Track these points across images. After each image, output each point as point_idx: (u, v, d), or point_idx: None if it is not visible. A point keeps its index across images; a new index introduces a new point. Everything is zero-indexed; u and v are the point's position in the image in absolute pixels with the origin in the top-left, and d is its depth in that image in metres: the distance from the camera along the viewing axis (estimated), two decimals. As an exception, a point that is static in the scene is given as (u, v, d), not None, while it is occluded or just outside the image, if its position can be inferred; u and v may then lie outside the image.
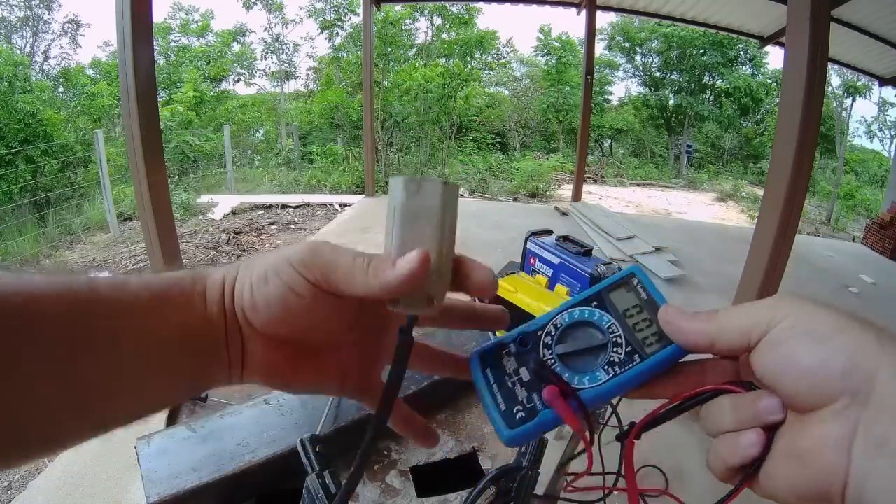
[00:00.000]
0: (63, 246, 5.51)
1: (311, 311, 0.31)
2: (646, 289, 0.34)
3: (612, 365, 0.33)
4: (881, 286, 4.87)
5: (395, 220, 0.31)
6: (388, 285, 0.29)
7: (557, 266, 1.55)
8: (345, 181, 9.33)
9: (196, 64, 12.69)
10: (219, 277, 0.32)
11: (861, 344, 0.24)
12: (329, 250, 0.31)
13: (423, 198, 0.31)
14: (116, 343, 0.27)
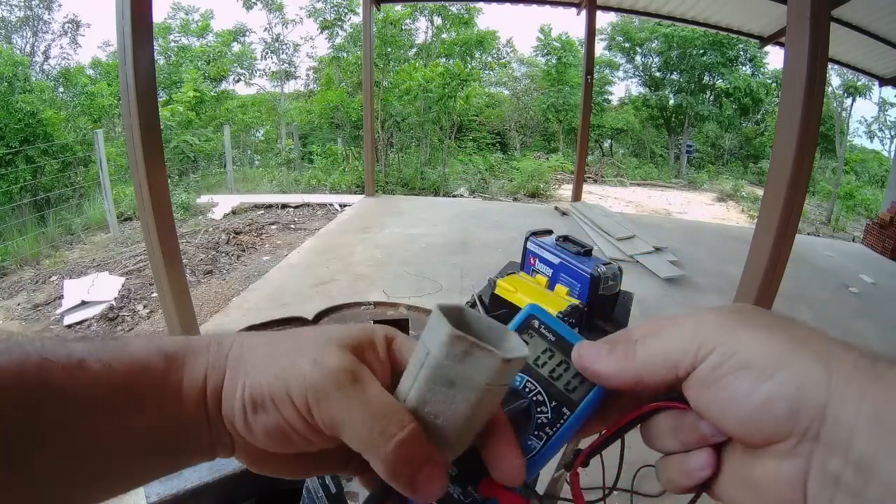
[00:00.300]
0: (63, 246, 5.51)
1: (316, 444, 0.27)
2: (550, 328, 0.30)
3: (541, 428, 0.29)
4: (881, 286, 4.87)
5: (422, 372, 0.25)
6: (400, 488, 0.25)
7: (557, 266, 1.55)
8: (345, 181, 9.33)
9: (196, 64, 12.69)
10: (198, 375, 0.28)
11: (807, 375, 0.22)
12: (340, 397, 0.25)
13: (469, 367, 0.23)
14: (71, 441, 0.24)
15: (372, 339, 0.29)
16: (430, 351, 0.24)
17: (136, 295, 3.88)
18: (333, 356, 0.26)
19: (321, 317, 1.41)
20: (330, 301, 1.51)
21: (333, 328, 0.29)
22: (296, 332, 0.29)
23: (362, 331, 0.29)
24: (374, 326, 0.30)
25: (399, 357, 0.29)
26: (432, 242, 5.12)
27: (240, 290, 3.93)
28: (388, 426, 0.24)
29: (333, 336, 0.28)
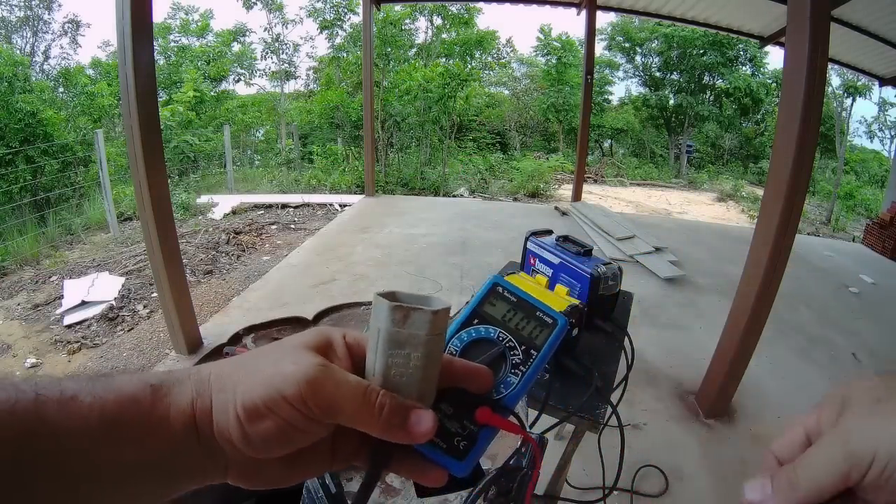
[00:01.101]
0: (63, 246, 5.51)
1: (312, 435, 0.30)
2: (511, 292, 0.38)
3: (516, 367, 0.36)
4: (881, 286, 4.87)
5: (378, 345, 0.31)
6: (400, 438, 0.31)
7: (557, 266, 1.55)
8: (345, 181, 9.33)
9: (196, 64, 12.69)
10: (185, 401, 0.29)
11: None
12: (331, 385, 0.29)
13: (410, 327, 0.30)
14: (66, 471, 0.25)
15: (328, 339, 0.33)
16: (379, 328, 0.30)
17: (136, 295, 3.88)
18: (309, 356, 0.30)
19: (321, 317, 1.40)
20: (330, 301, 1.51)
21: (293, 338, 0.33)
22: (262, 350, 0.33)
23: (319, 334, 0.33)
24: (326, 328, 0.35)
25: (354, 345, 0.34)
26: (432, 242, 5.12)
27: (240, 290, 3.93)
28: (370, 395, 0.30)
29: (297, 343, 0.32)
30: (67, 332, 3.34)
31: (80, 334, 3.30)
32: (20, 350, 3.14)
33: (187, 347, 2.73)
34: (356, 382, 0.30)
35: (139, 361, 2.95)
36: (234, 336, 1.29)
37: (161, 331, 3.21)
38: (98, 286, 3.90)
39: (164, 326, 2.94)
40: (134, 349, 3.08)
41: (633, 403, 2.52)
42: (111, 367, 2.90)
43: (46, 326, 3.44)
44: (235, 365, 0.32)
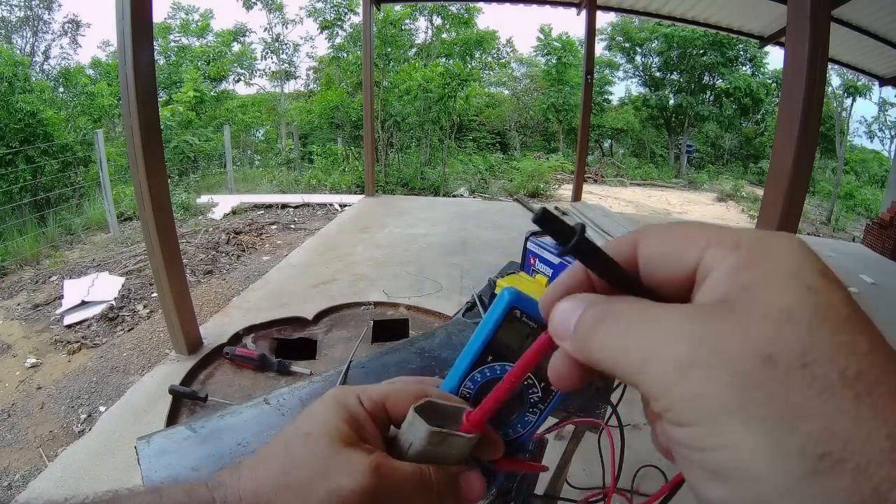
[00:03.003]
0: (63, 246, 5.51)
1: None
2: (531, 317, 0.32)
3: (534, 405, 0.34)
4: (881, 286, 4.87)
5: (410, 451, 0.31)
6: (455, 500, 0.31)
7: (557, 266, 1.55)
8: (345, 181, 9.34)
9: (196, 64, 12.69)
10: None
11: None
12: (392, 486, 0.29)
13: (444, 447, 0.31)
14: None
15: (353, 417, 0.31)
16: (412, 442, 0.31)
17: (136, 295, 3.88)
18: (355, 457, 0.29)
19: (321, 317, 1.41)
20: (330, 301, 1.51)
21: (321, 425, 0.31)
22: (295, 452, 0.30)
23: (343, 414, 0.31)
24: (341, 396, 0.32)
25: (373, 408, 0.32)
26: (432, 242, 5.12)
27: (240, 290, 3.93)
28: (426, 479, 0.30)
29: (331, 437, 0.30)
30: (67, 332, 3.34)
31: (80, 334, 3.30)
32: (20, 350, 3.14)
33: (187, 347, 2.73)
34: (411, 472, 0.30)
35: (139, 361, 2.95)
36: (234, 336, 1.29)
37: (161, 331, 3.21)
38: (98, 286, 3.90)
39: (164, 326, 2.94)
40: (134, 349, 3.08)
41: (633, 403, 2.51)
42: (111, 367, 2.90)
43: (46, 326, 3.44)
44: (276, 482, 0.29)
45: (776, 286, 0.18)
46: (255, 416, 0.83)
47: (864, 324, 0.18)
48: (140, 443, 0.76)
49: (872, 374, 0.16)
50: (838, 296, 0.18)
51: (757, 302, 0.18)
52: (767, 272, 0.18)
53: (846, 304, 0.18)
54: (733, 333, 0.17)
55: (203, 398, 1.01)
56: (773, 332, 0.17)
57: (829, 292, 0.18)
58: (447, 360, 1.03)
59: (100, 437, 2.16)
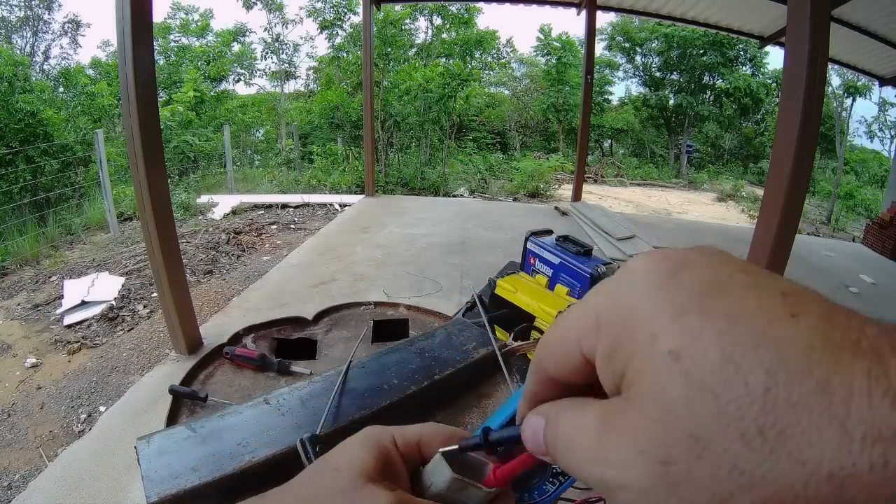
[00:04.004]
0: (63, 246, 5.51)
1: None
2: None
3: (556, 475, 0.35)
4: (881, 286, 4.87)
5: (430, 491, 0.32)
6: None
7: (557, 266, 1.55)
8: (345, 181, 9.34)
9: (196, 64, 12.69)
10: None
11: None
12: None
13: (464, 496, 0.32)
14: None
15: (387, 456, 0.32)
16: (433, 483, 0.32)
17: (136, 295, 3.88)
18: (378, 495, 0.29)
19: (321, 316, 1.41)
20: (330, 301, 1.51)
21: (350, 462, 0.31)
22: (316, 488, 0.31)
23: (376, 454, 0.32)
24: (377, 436, 0.33)
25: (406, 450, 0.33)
26: (432, 242, 5.12)
27: (240, 290, 3.93)
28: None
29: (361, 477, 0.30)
30: (67, 332, 3.34)
31: (80, 334, 3.30)
32: (20, 350, 3.14)
33: (187, 347, 2.73)
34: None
35: (139, 361, 2.95)
36: (234, 336, 1.29)
37: (161, 331, 3.21)
38: (98, 286, 3.90)
39: (164, 326, 2.94)
40: (134, 349, 3.08)
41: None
42: (111, 368, 2.90)
43: (46, 326, 3.44)
44: None
45: (641, 369, 0.18)
46: (255, 416, 0.83)
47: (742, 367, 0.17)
48: (140, 443, 0.76)
49: None
50: (699, 347, 0.17)
51: (634, 399, 0.18)
52: (629, 353, 0.18)
53: (707, 354, 0.17)
54: (627, 440, 0.18)
55: (203, 398, 1.01)
56: (659, 434, 0.16)
57: (691, 346, 0.17)
58: (447, 360, 1.03)
59: (100, 437, 2.16)
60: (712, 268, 0.18)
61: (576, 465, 0.20)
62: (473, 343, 1.09)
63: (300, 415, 0.84)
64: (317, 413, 0.83)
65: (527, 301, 1.41)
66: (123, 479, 1.91)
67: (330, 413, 0.83)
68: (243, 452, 0.74)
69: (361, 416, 0.84)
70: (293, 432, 0.78)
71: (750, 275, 0.18)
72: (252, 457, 0.74)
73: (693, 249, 0.20)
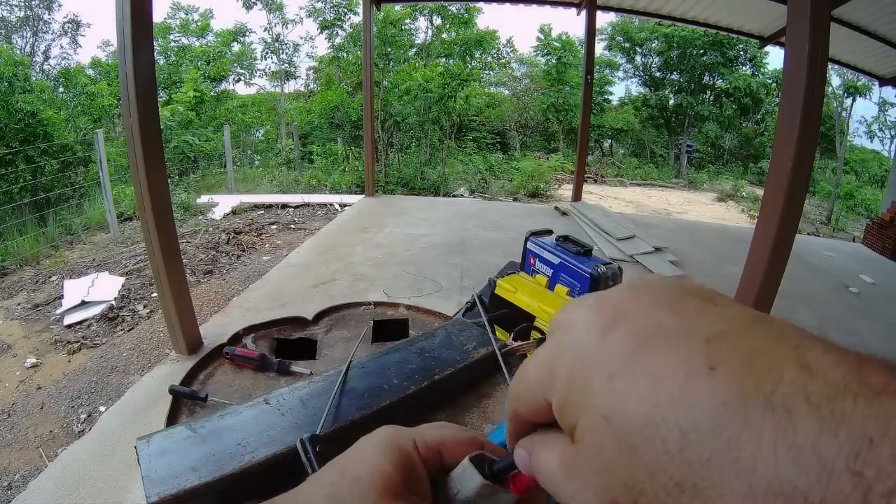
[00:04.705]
0: (63, 246, 5.51)
1: None
2: None
3: None
4: (881, 286, 4.87)
5: (457, 497, 0.32)
6: None
7: (557, 266, 1.55)
8: (345, 181, 9.34)
9: (196, 64, 12.69)
10: None
11: None
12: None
13: (492, 502, 0.31)
14: None
15: (409, 462, 0.31)
16: (460, 490, 0.32)
17: (136, 295, 3.88)
18: None
19: (321, 316, 1.41)
20: (330, 301, 1.51)
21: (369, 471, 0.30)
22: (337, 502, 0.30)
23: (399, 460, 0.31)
24: (399, 439, 0.32)
25: (427, 454, 0.33)
26: (432, 242, 5.12)
27: (240, 290, 3.93)
28: None
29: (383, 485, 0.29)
30: (67, 332, 3.34)
31: (80, 334, 3.30)
32: (20, 350, 3.14)
33: (187, 347, 2.73)
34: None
35: (139, 361, 2.95)
36: (234, 336, 1.29)
37: (161, 331, 3.21)
38: (98, 286, 3.90)
39: (164, 326, 2.94)
40: (134, 349, 3.09)
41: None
42: (111, 367, 2.90)
43: (46, 326, 3.44)
44: None
45: (584, 424, 0.20)
46: (255, 416, 0.83)
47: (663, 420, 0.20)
48: (140, 443, 0.76)
49: None
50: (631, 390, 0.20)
51: (583, 455, 0.21)
52: (574, 408, 0.21)
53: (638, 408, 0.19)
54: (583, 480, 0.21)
55: (203, 398, 1.01)
56: (607, 483, 0.19)
57: (616, 399, 0.20)
58: (447, 360, 1.03)
59: (100, 437, 2.16)
60: (644, 315, 0.20)
61: (554, 493, 0.23)
62: (473, 343, 1.09)
63: (300, 415, 0.84)
64: (317, 413, 0.83)
65: (527, 301, 1.41)
66: (123, 479, 1.91)
67: (330, 413, 0.83)
68: (243, 452, 0.74)
69: (361, 416, 0.84)
70: (293, 432, 0.78)
71: (681, 317, 0.20)
72: (252, 457, 0.74)
73: (630, 290, 0.22)
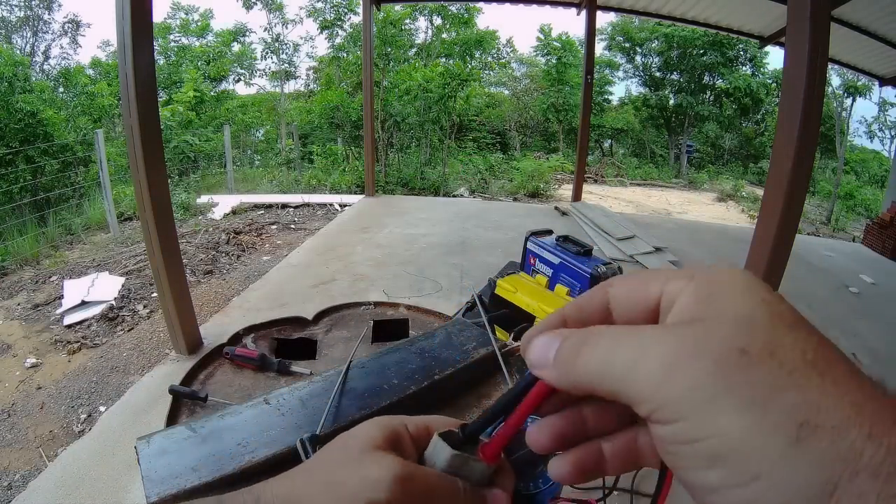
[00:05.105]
0: (63, 246, 5.51)
1: None
2: None
3: None
4: (881, 286, 4.87)
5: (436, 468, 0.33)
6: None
7: (557, 266, 1.55)
8: (345, 181, 9.34)
9: (196, 64, 12.69)
10: None
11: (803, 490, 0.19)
12: (420, 482, 0.30)
13: (464, 470, 0.32)
14: None
15: (396, 434, 0.33)
16: (435, 463, 0.33)
17: (136, 295, 3.88)
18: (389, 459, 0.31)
19: (321, 316, 1.41)
20: (330, 301, 1.51)
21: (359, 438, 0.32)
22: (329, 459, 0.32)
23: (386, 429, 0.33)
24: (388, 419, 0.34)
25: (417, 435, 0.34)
26: (432, 242, 5.12)
27: (240, 290, 3.93)
28: (455, 488, 0.31)
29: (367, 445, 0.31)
30: (67, 332, 3.34)
31: (80, 334, 3.30)
32: (20, 350, 3.14)
33: (187, 347, 2.73)
34: (443, 479, 0.31)
35: (139, 361, 2.95)
36: (234, 336, 1.29)
37: (161, 331, 3.21)
38: (98, 286, 3.90)
39: (164, 326, 2.94)
40: (134, 349, 3.08)
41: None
42: (111, 367, 2.90)
43: (46, 326, 3.44)
44: (310, 480, 0.31)
45: (735, 299, 0.21)
46: (255, 416, 0.83)
47: (809, 325, 0.21)
48: (140, 443, 0.76)
49: (828, 358, 0.19)
50: (785, 306, 0.21)
51: (722, 311, 0.21)
52: (725, 291, 0.22)
53: (792, 312, 0.21)
54: (709, 335, 0.20)
55: (203, 398, 1.01)
56: (742, 331, 0.20)
57: (778, 303, 0.21)
58: (447, 360, 1.03)
59: (100, 437, 2.16)
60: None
61: (611, 370, 0.22)
62: (473, 343, 1.09)
63: (300, 415, 0.84)
64: (317, 413, 0.83)
65: (527, 301, 1.41)
66: (123, 479, 1.91)
67: (330, 413, 0.83)
68: (243, 452, 0.74)
69: (361, 416, 0.84)
70: (293, 432, 0.78)
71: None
72: (252, 457, 0.74)
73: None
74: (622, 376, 0.22)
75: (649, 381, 0.20)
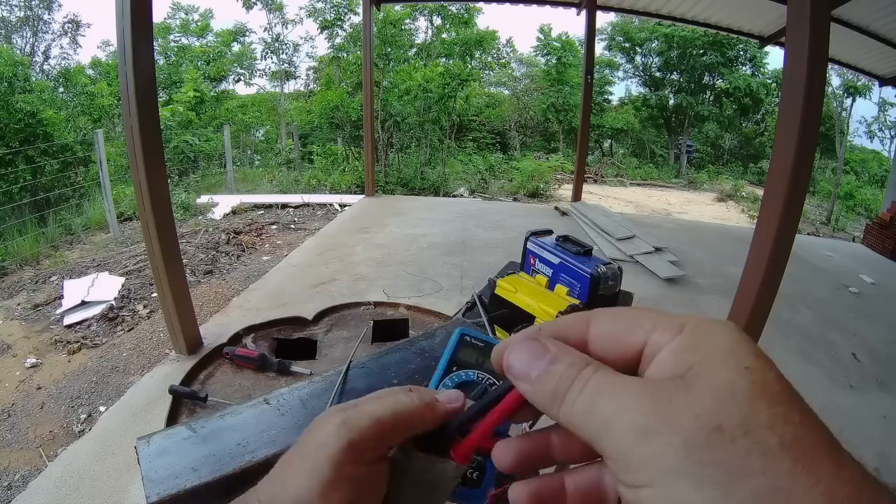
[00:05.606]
0: (63, 246, 5.51)
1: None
2: (478, 339, 0.41)
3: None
4: (881, 286, 4.87)
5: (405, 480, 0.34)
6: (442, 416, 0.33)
7: (557, 266, 1.55)
8: (345, 181, 9.33)
9: (196, 64, 12.69)
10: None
11: None
12: (363, 412, 0.31)
13: (433, 474, 0.33)
14: None
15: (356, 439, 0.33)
16: (406, 468, 0.33)
17: (136, 295, 3.88)
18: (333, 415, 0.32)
19: (321, 317, 1.41)
20: (330, 301, 1.51)
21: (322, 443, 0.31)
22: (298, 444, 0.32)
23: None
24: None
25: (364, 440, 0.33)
26: (432, 242, 5.12)
27: (240, 290, 3.93)
28: (429, 402, 0.33)
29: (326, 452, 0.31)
30: (67, 332, 3.34)
31: (80, 334, 3.30)
32: (20, 350, 3.14)
33: (187, 347, 2.73)
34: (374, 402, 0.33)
35: (139, 361, 2.95)
36: (234, 336, 1.29)
37: (161, 331, 3.21)
38: (98, 286, 3.90)
39: (164, 326, 2.94)
40: (134, 349, 3.08)
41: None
42: (111, 367, 2.90)
43: (46, 326, 3.44)
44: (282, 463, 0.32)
45: (718, 365, 0.21)
46: (255, 416, 0.83)
47: (794, 397, 0.20)
48: (140, 443, 0.76)
49: (806, 441, 0.18)
50: (771, 374, 0.21)
51: (703, 379, 0.21)
52: (709, 353, 0.21)
53: (778, 381, 0.20)
54: (685, 406, 0.20)
55: (203, 398, 1.01)
56: (719, 406, 0.19)
57: (763, 371, 0.20)
58: (447, 360, 1.03)
59: (100, 437, 2.16)
60: None
61: (590, 421, 0.22)
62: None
63: (300, 415, 0.84)
64: (317, 413, 0.83)
65: (527, 301, 1.41)
66: (123, 479, 1.91)
67: (330, 413, 0.83)
68: (243, 452, 0.74)
69: (361, 416, 0.84)
70: (293, 432, 0.78)
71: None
72: (252, 457, 0.74)
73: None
74: (598, 431, 0.22)
75: (624, 441, 0.21)
